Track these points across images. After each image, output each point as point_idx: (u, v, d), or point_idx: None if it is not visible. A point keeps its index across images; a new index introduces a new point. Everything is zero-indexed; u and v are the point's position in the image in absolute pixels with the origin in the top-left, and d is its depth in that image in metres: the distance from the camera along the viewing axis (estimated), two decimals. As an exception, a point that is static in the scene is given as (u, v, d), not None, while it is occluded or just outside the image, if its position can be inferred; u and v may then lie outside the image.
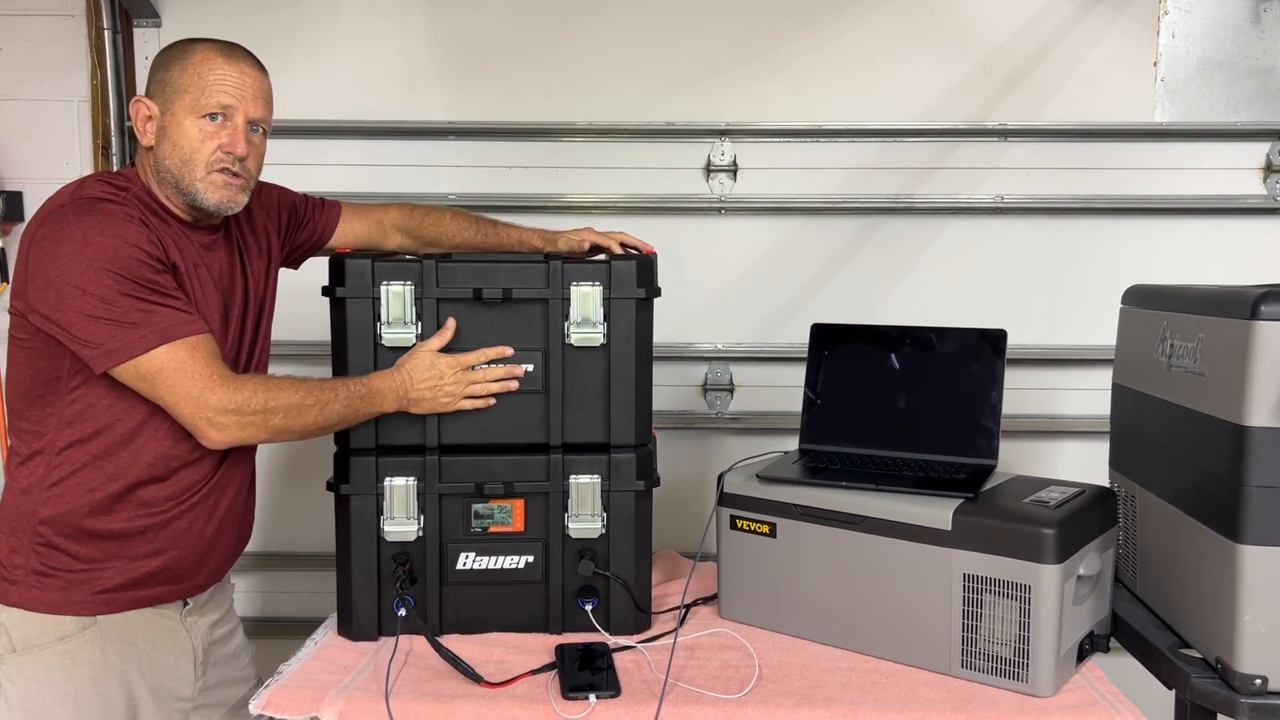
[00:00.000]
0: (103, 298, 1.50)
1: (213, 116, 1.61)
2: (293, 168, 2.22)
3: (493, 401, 1.81)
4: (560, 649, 1.76)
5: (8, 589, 1.62)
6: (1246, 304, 1.49)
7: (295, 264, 1.99)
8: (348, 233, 1.99)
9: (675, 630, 1.85)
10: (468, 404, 1.80)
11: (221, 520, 1.74)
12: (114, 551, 1.63)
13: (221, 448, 1.64)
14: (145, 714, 1.69)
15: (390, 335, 1.80)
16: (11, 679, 1.61)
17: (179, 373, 1.54)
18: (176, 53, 1.64)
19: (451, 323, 1.80)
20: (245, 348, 1.77)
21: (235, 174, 1.65)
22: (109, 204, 1.56)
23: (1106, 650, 1.78)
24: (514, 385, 1.81)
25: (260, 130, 1.69)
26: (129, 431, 1.61)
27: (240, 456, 1.76)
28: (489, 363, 1.80)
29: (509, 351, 1.82)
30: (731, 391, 2.74)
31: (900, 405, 1.96)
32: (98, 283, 1.50)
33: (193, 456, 1.66)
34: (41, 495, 1.61)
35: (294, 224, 1.93)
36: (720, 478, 1.94)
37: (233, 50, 1.66)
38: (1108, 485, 1.94)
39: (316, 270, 1.91)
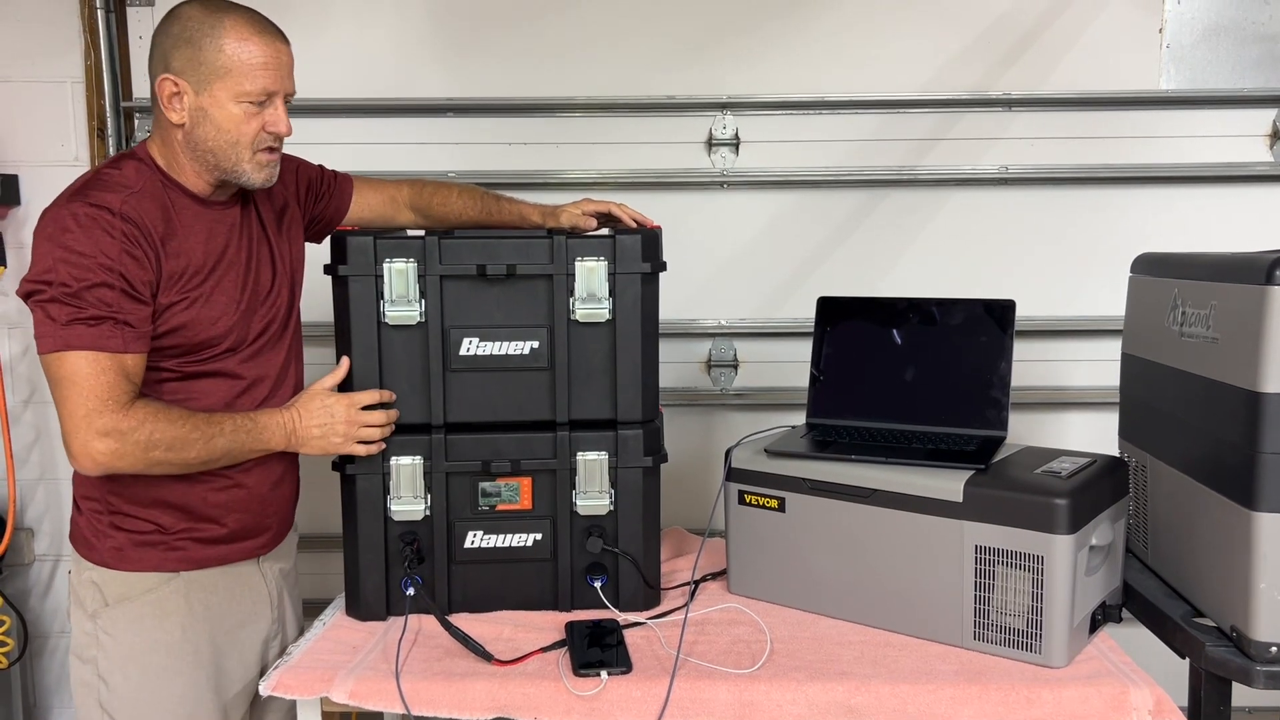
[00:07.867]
0: (52, 297, 1.51)
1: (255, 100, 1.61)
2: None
3: (383, 446, 1.80)
4: (570, 626, 1.76)
5: (91, 549, 1.68)
6: (1261, 269, 1.47)
7: (318, 238, 1.97)
8: (364, 206, 1.98)
9: (685, 606, 1.84)
10: (359, 449, 1.77)
11: (278, 479, 1.77)
12: (180, 520, 1.67)
13: (92, 474, 1.59)
14: (228, 659, 1.74)
15: (394, 313, 1.78)
16: (108, 630, 1.66)
17: (76, 388, 1.51)
18: (204, 27, 1.57)
19: (345, 361, 1.79)
20: (278, 320, 1.76)
21: (274, 149, 1.68)
22: (96, 210, 1.54)
23: (1119, 620, 1.77)
24: (391, 429, 1.80)
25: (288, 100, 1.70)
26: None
27: None
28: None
29: (392, 396, 1.80)
30: (736, 367, 2.73)
31: (908, 378, 1.94)
32: (55, 276, 1.50)
33: None
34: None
35: (312, 194, 1.91)
36: (728, 453, 1.93)
37: (263, 25, 1.62)
38: (1117, 455, 1.93)
39: (316, 249, 1.90)
